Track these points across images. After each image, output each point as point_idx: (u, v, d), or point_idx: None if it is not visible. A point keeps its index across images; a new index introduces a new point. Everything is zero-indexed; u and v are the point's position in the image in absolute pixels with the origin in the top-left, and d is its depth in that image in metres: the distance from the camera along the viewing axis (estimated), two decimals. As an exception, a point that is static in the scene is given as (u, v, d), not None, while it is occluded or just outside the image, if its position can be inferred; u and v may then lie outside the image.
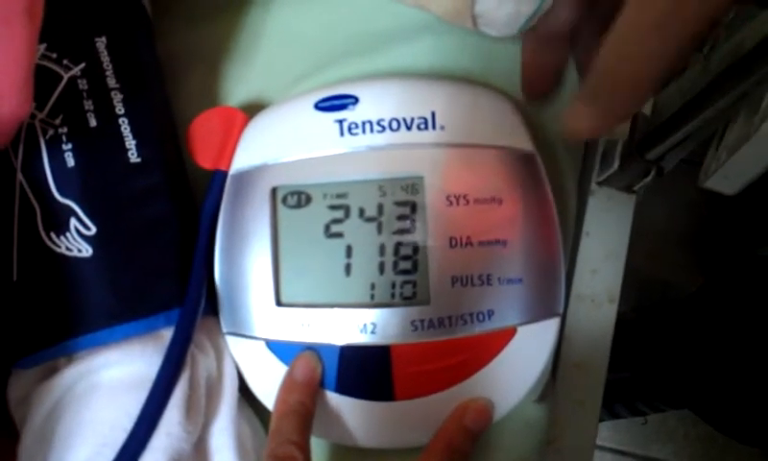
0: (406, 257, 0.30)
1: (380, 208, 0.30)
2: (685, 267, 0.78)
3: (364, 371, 0.30)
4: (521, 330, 0.30)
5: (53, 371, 0.29)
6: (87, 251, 0.29)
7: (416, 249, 0.30)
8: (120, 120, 0.30)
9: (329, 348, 0.30)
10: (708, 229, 0.77)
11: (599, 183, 0.36)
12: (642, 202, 0.36)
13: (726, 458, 0.79)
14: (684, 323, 0.63)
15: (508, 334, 0.30)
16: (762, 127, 0.25)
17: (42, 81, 0.29)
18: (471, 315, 0.29)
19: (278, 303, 0.31)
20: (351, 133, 0.31)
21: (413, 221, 0.30)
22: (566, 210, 0.34)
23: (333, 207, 0.31)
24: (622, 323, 0.36)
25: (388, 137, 0.31)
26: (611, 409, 0.73)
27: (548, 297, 0.30)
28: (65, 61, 0.30)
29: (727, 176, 0.29)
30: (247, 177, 0.32)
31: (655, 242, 0.76)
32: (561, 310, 0.30)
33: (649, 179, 0.32)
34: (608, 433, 0.84)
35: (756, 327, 0.57)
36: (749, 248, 0.66)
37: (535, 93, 0.32)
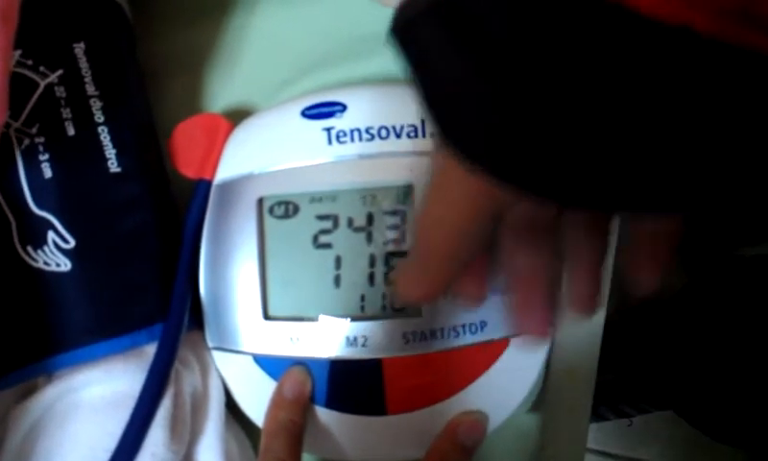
0: (397, 268, 0.29)
1: (370, 218, 0.30)
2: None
3: (355, 385, 0.29)
4: (514, 342, 0.29)
5: (32, 390, 0.28)
6: (66, 265, 0.28)
7: (406, 259, 0.29)
8: (99, 128, 0.29)
9: (319, 362, 0.29)
10: (692, 228, 0.78)
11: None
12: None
13: (710, 460, 0.80)
14: (667, 324, 0.63)
15: (501, 346, 0.29)
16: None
17: (17, 88, 0.28)
18: (464, 326, 0.29)
19: (266, 316, 0.30)
20: (339, 142, 0.30)
21: (403, 231, 0.29)
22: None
23: (321, 217, 0.30)
24: (606, 325, 0.35)
25: (377, 145, 0.30)
26: (596, 411, 0.73)
27: (541, 307, 0.30)
28: (42, 68, 0.29)
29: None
30: (232, 186, 0.31)
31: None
32: (554, 321, 0.30)
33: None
34: (593, 435, 0.84)
35: (740, 329, 0.57)
36: (732, 248, 0.66)
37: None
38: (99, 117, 0.30)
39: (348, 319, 0.29)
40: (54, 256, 0.28)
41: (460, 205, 0.19)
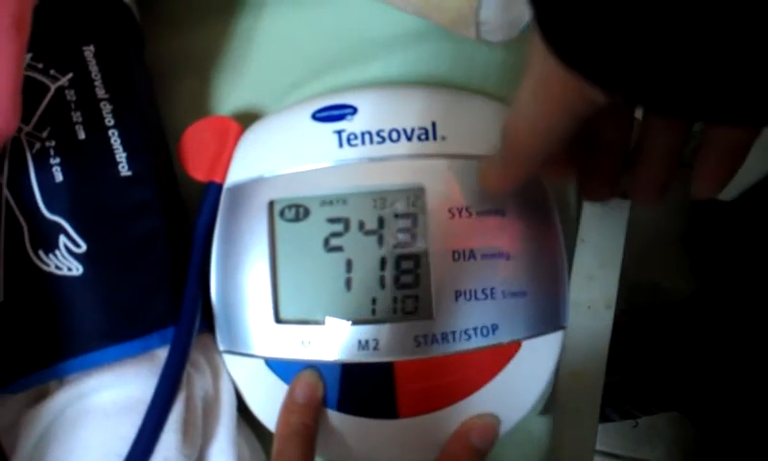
0: (408, 271, 0.29)
1: (381, 221, 0.30)
2: (675, 270, 0.79)
3: (366, 388, 0.29)
4: (526, 344, 0.29)
5: (43, 395, 0.28)
6: (78, 269, 0.28)
7: (418, 262, 0.29)
8: (110, 132, 0.29)
9: (330, 365, 0.29)
10: (700, 232, 0.77)
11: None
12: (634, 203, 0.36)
13: None
14: (675, 327, 0.63)
15: (512, 349, 0.29)
16: (762, 136, 0.25)
17: (28, 92, 0.28)
18: (475, 329, 0.29)
19: (277, 319, 0.30)
20: (350, 145, 0.30)
21: (414, 234, 0.29)
22: (569, 222, 0.34)
23: (332, 221, 0.30)
24: (613, 327, 0.35)
25: (388, 148, 0.30)
26: (601, 412, 0.73)
27: (553, 310, 0.30)
28: (52, 72, 0.29)
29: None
30: (243, 189, 0.31)
31: (645, 244, 0.76)
32: (565, 323, 0.30)
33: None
34: (598, 436, 0.84)
35: (747, 332, 0.57)
36: (742, 252, 0.66)
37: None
38: (109, 120, 0.29)
39: (360, 322, 0.29)
40: (65, 261, 0.28)
41: (553, 103, 0.21)
